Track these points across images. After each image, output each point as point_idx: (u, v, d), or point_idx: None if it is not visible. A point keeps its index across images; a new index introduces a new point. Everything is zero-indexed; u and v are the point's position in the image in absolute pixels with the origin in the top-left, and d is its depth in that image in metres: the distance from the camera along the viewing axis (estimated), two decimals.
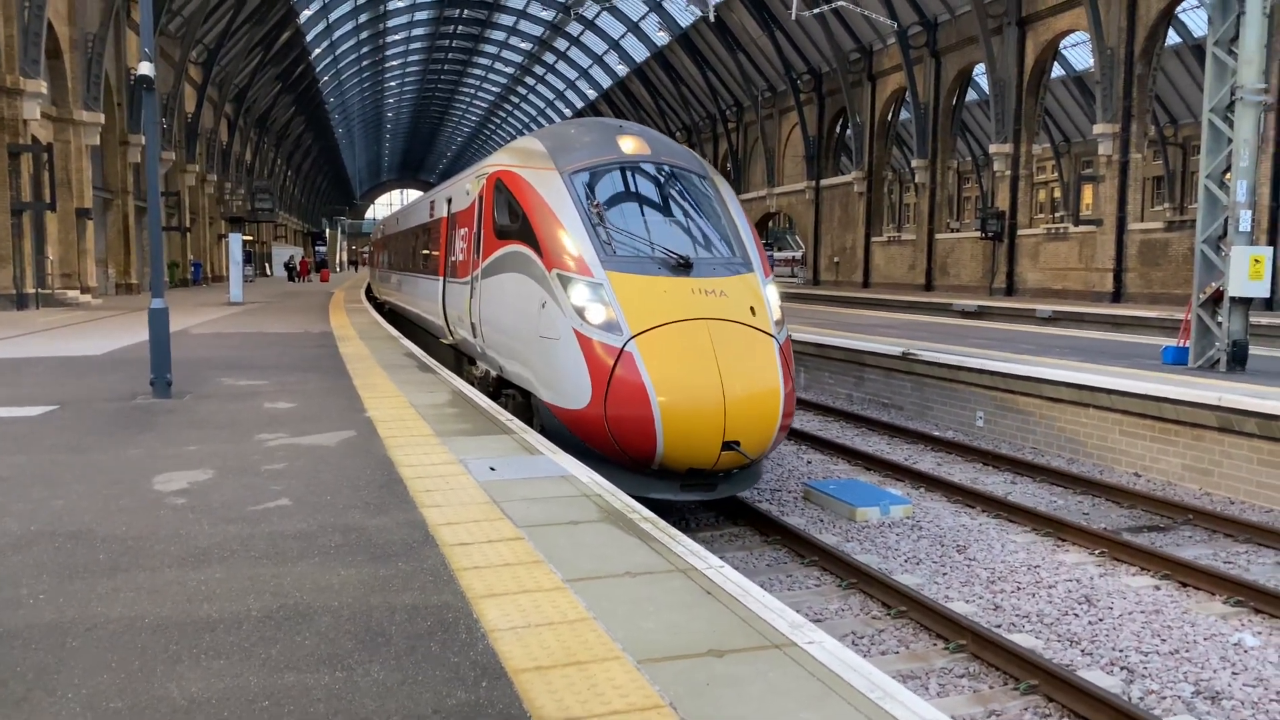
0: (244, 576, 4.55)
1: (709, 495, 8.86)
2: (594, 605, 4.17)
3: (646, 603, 4.22)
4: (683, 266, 9.01)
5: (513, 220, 10.25)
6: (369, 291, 37.58)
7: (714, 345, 8.42)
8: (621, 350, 8.36)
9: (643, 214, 9.72)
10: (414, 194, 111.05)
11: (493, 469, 6.84)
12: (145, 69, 10.46)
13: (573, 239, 9.16)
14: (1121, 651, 6.64)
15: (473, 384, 12.32)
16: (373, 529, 5.35)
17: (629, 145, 10.20)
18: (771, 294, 9.40)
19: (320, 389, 10.83)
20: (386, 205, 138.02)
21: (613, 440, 8.44)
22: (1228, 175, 13.65)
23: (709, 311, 8.65)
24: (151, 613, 4.09)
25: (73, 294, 28.54)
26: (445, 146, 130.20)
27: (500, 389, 11.27)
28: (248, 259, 49.53)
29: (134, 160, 35.99)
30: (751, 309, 8.91)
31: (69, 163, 29.47)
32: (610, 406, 8.33)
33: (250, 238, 59.06)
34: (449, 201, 15.14)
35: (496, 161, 11.74)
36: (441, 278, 15.03)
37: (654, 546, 5.05)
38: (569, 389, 8.70)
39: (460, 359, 14.50)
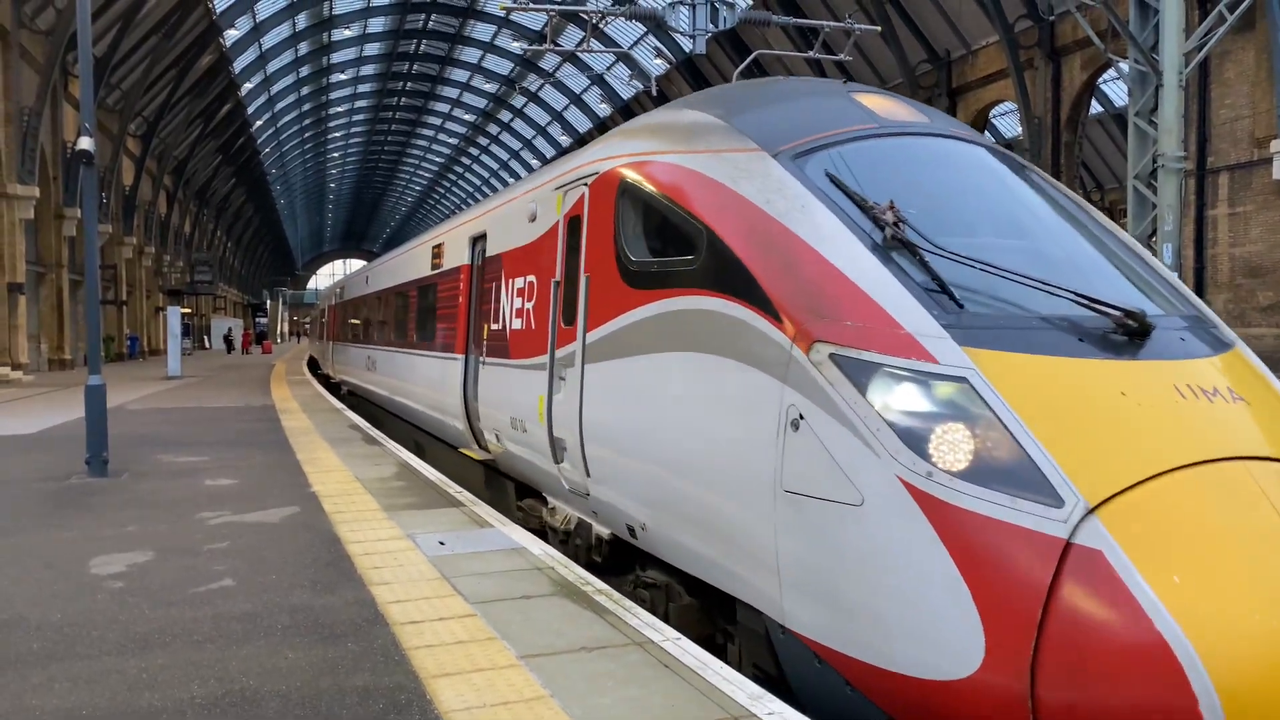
0: (187, 662, 4.40)
1: None
2: (550, 682, 4.11)
3: (604, 678, 4.16)
4: (1131, 335, 4.46)
5: (680, 249, 5.57)
6: (314, 366, 35.50)
7: None
8: (1070, 542, 3.67)
9: (977, 229, 5.27)
10: (357, 264, 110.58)
11: (442, 543, 6.74)
12: (85, 144, 10.37)
13: (862, 279, 4.55)
14: None
15: (543, 534, 7.86)
16: (320, 609, 5.22)
17: (884, 106, 6.02)
18: None
19: (263, 464, 10.62)
20: (329, 275, 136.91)
21: None
22: (1154, 239, 14.18)
23: (1239, 440, 4.16)
24: (89, 704, 3.94)
25: (3, 371, 27.78)
26: (389, 216, 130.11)
27: (613, 555, 6.67)
28: (186, 332, 48.78)
29: (69, 234, 35.39)
30: None
31: (1, 237, 28.90)
32: (1059, 683, 3.53)
33: (189, 310, 58.23)
34: (474, 243, 10.49)
35: (604, 153, 6.95)
36: (462, 356, 10.32)
37: (609, 619, 4.99)
38: (903, 624, 3.90)
39: (496, 481, 9.79)
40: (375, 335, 18.02)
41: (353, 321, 22.22)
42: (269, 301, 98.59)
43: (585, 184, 7.01)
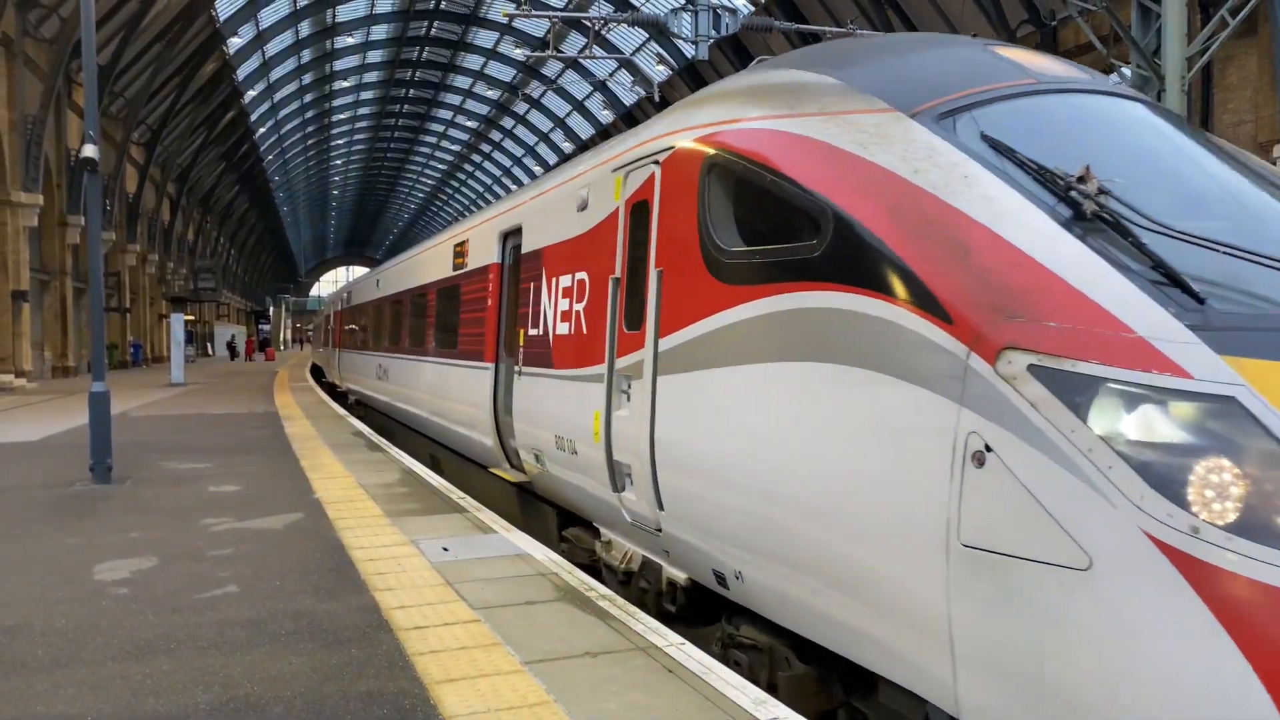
0: (191, 667, 4.40)
1: None
2: (554, 687, 4.10)
3: (608, 683, 4.16)
4: None
5: (792, 235, 4.51)
6: (318, 373, 34.92)
7: None
8: None
9: (1188, 206, 4.23)
10: (360, 271, 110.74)
11: (446, 549, 6.74)
12: (89, 151, 10.39)
13: (1064, 266, 3.59)
14: None
15: (594, 571, 6.84)
16: (324, 614, 5.22)
17: (1034, 60, 5.09)
18: None
19: (266, 471, 10.63)
20: (332, 282, 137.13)
21: None
22: None
23: None
24: (94, 709, 3.94)
25: (6, 378, 27.83)
26: (391, 223, 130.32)
27: (691, 604, 5.71)
28: (189, 339, 48.85)
29: (73, 241, 35.50)
30: None
31: (5, 244, 29.01)
32: None
33: (192, 317, 58.33)
34: (505, 239, 9.43)
35: (678, 124, 5.85)
36: (490, 365, 9.30)
37: (613, 625, 4.99)
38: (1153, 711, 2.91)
39: (533, 506, 8.77)
40: (387, 341, 16.81)
41: (362, 327, 20.94)
42: (272, 308, 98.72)
43: (655, 162, 5.88)
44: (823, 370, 4.11)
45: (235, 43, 46.93)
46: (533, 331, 8.01)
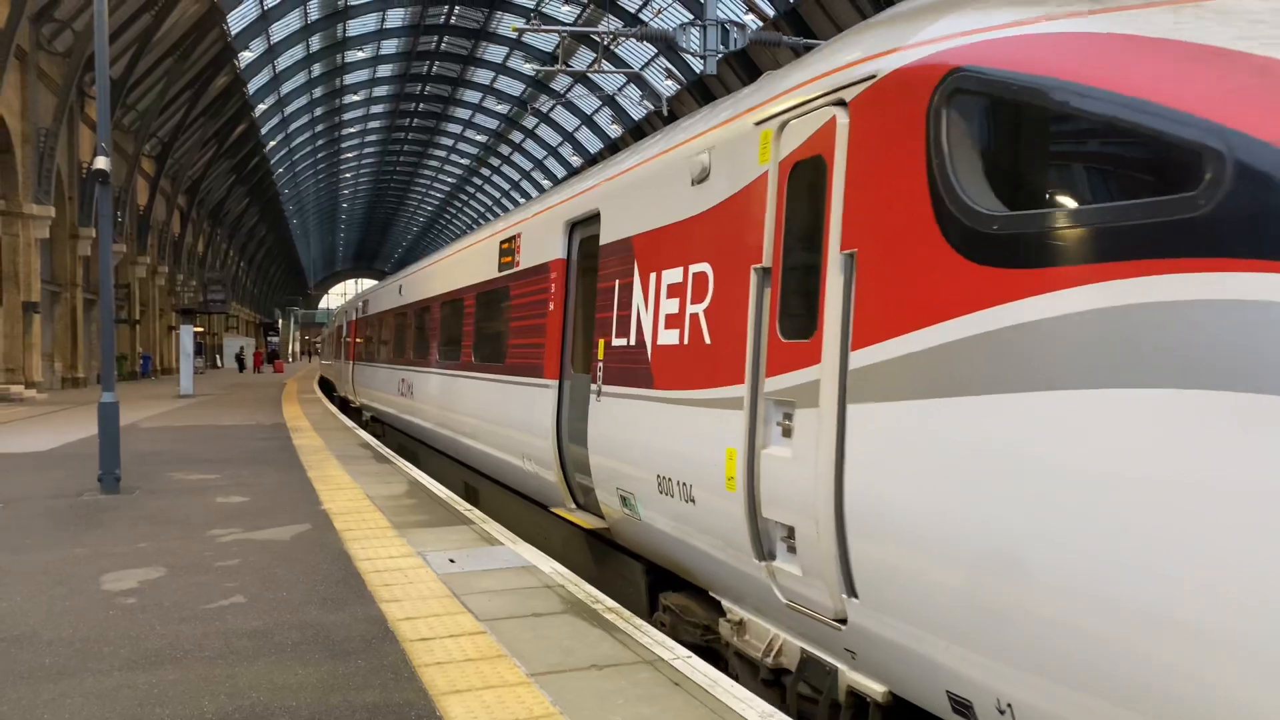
0: (198, 677, 4.41)
1: None
2: (560, 700, 4.10)
3: (614, 696, 4.15)
4: None
5: (1138, 187, 3.03)
6: (327, 388, 34.13)
7: None
8: None
9: None
10: (369, 283, 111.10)
11: (452, 561, 6.74)
12: (101, 163, 10.47)
13: None
14: None
15: (708, 655, 5.56)
16: (331, 625, 5.22)
17: None
18: None
19: (274, 482, 10.65)
20: (340, 295, 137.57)
21: None
22: None
23: None
24: (101, 718, 3.94)
25: (17, 389, 27.93)
26: (400, 237, 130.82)
27: None
28: (198, 351, 48.99)
29: (84, 253, 35.67)
30: None
31: (17, 256, 29.17)
32: None
33: (201, 329, 58.52)
34: (572, 229, 8.02)
35: (868, 47, 4.27)
36: (552, 382, 7.88)
37: (619, 637, 4.98)
38: None
39: (612, 559, 7.18)
40: (412, 354, 15.20)
41: (382, 338, 19.19)
42: (281, 321, 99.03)
43: (838, 102, 4.29)
44: (1208, 403, 2.64)
45: (247, 56, 47.25)
46: (618, 342, 6.48)
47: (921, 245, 3.67)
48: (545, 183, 76.61)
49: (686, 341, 5.52)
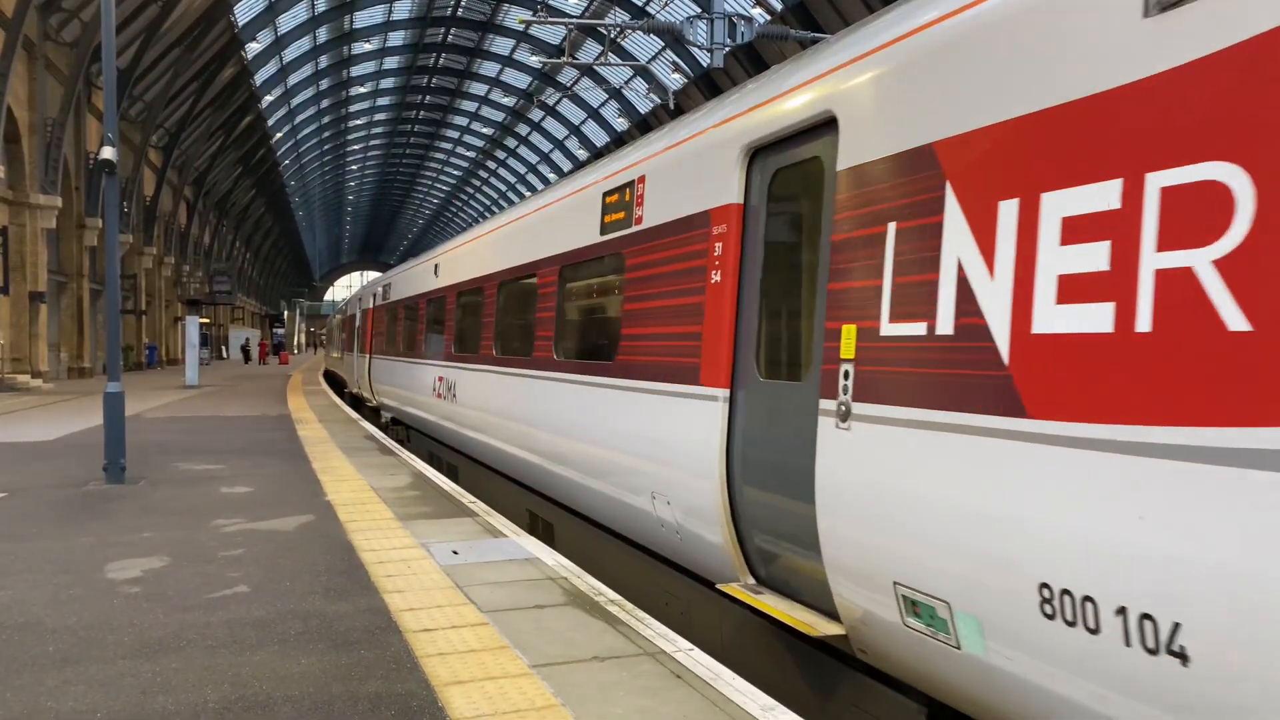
0: (201, 666, 4.42)
1: None
2: (562, 691, 4.10)
3: (615, 688, 4.15)
4: None
5: None
6: (337, 385, 32.54)
7: None
8: None
9: None
10: (374, 275, 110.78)
11: (455, 552, 6.75)
12: (108, 153, 10.48)
13: None
14: None
15: None
16: (334, 615, 5.23)
17: None
18: None
19: (278, 473, 10.67)
20: (346, 287, 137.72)
21: None
22: None
23: None
24: (104, 706, 3.96)
25: (23, 379, 28.02)
26: (406, 229, 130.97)
27: None
28: (204, 342, 49.13)
29: (90, 244, 35.75)
30: None
31: (24, 246, 29.24)
32: None
33: (207, 320, 58.66)
34: (752, 157, 5.37)
35: None
36: (719, 391, 5.35)
37: (621, 629, 4.99)
38: None
39: (850, 681, 4.57)
40: (455, 346, 12.49)
41: (411, 327, 16.20)
42: (286, 312, 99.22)
43: None
44: None
45: (254, 48, 47.30)
46: (899, 329, 3.92)
47: None
48: (551, 176, 76.54)
49: (1148, 329, 2.85)
